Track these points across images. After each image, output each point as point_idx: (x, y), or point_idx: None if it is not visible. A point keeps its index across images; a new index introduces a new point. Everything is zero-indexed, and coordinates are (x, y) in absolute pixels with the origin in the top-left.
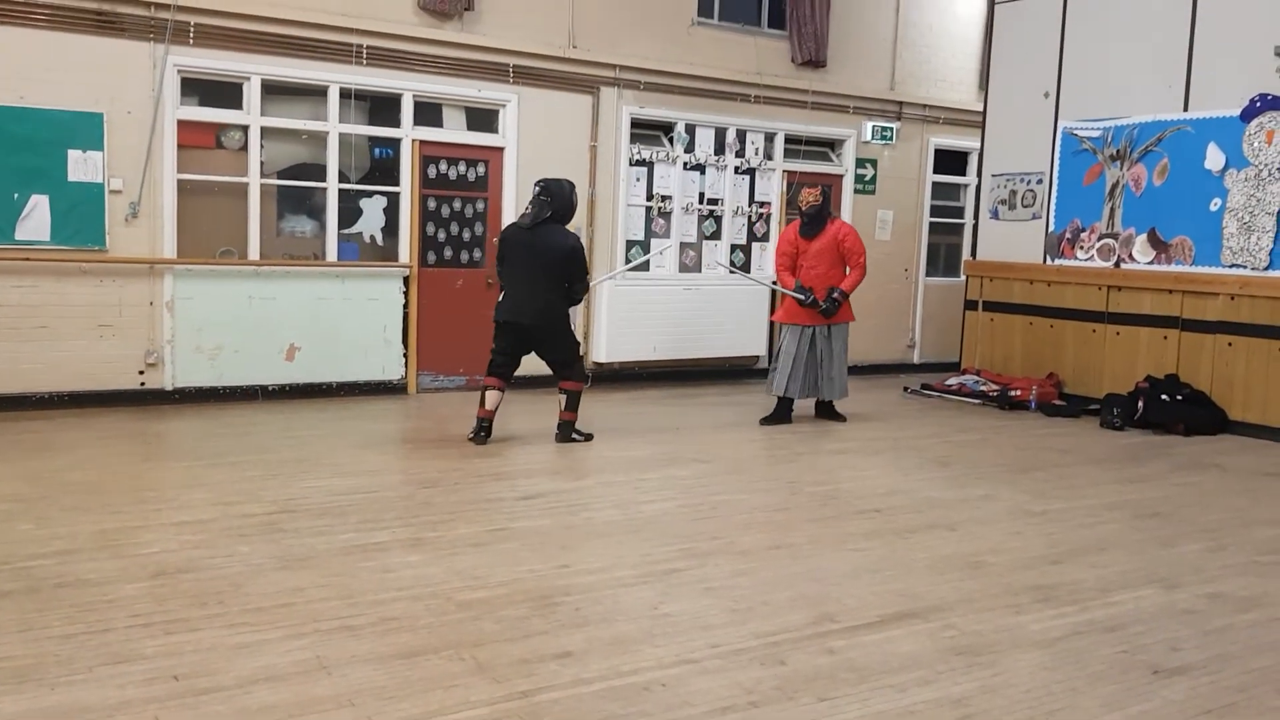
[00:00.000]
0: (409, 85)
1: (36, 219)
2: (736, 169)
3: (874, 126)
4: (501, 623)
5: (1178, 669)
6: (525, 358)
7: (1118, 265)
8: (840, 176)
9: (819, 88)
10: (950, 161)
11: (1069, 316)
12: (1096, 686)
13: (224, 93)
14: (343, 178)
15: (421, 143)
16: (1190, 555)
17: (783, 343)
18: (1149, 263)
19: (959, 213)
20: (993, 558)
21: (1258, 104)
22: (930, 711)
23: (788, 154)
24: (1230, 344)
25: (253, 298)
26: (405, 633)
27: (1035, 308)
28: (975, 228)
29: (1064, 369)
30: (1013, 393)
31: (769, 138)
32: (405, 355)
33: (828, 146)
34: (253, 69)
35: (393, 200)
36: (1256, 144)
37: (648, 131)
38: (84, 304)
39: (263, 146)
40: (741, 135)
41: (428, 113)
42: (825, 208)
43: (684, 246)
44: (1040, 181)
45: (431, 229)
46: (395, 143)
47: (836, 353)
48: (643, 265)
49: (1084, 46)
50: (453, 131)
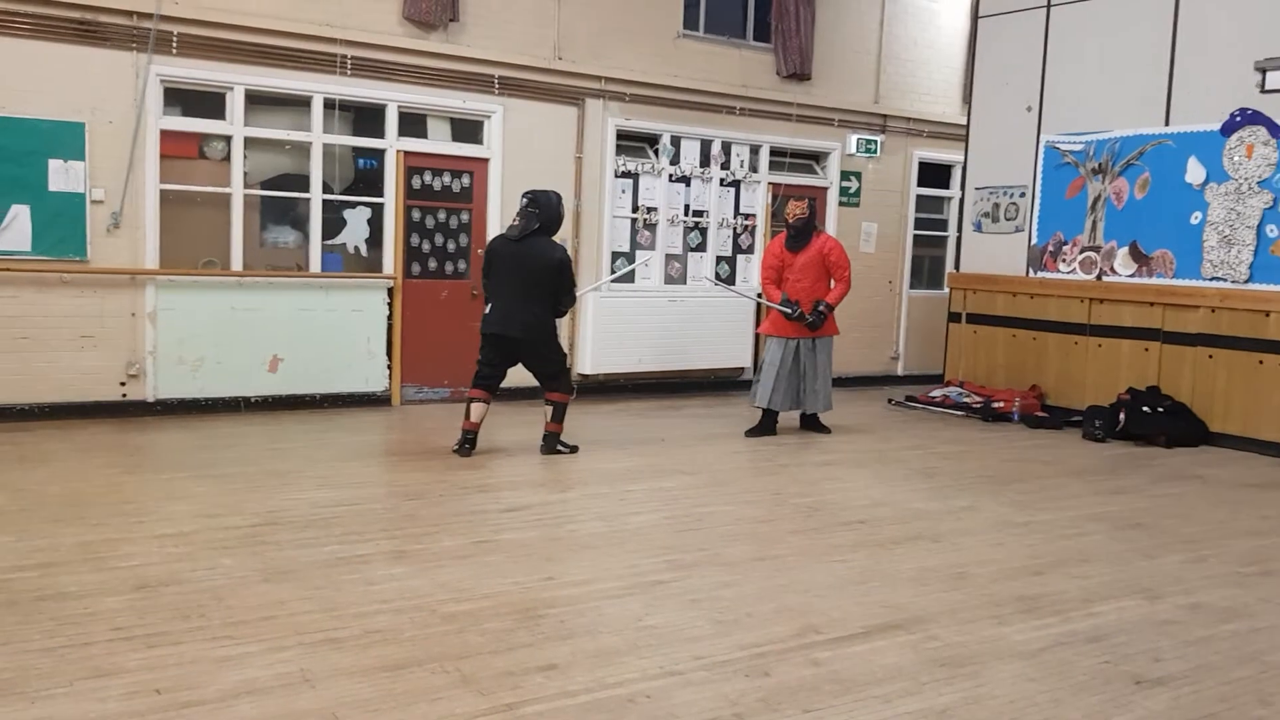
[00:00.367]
0: (393, 96)
1: (17, 229)
2: (722, 181)
3: (858, 139)
4: (486, 635)
5: (1160, 679)
6: (510, 370)
7: (1099, 278)
8: (825, 189)
9: (804, 100)
10: (934, 174)
11: (1051, 329)
12: (1079, 697)
13: (207, 103)
14: (326, 188)
15: (406, 153)
16: (1172, 566)
17: (767, 355)
18: (1130, 275)
19: (943, 225)
20: (976, 569)
21: (1238, 118)
22: None
23: (773, 166)
24: (1211, 356)
25: (235, 309)
26: (389, 645)
27: (1018, 320)
28: (959, 240)
29: (1046, 381)
30: (996, 405)
31: (754, 150)
32: (389, 367)
33: (812, 159)
34: (236, 79)
35: (377, 211)
36: (1237, 158)
37: (633, 143)
38: (65, 315)
39: (246, 157)
40: (727, 147)
41: (412, 124)
42: (811, 221)
43: (669, 259)
44: (1023, 195)
45: (416, 240)
46: (380, 153)
47: (820, 365)
48: (626, 277)
49: (1066, 61)
50: (437, 142)
